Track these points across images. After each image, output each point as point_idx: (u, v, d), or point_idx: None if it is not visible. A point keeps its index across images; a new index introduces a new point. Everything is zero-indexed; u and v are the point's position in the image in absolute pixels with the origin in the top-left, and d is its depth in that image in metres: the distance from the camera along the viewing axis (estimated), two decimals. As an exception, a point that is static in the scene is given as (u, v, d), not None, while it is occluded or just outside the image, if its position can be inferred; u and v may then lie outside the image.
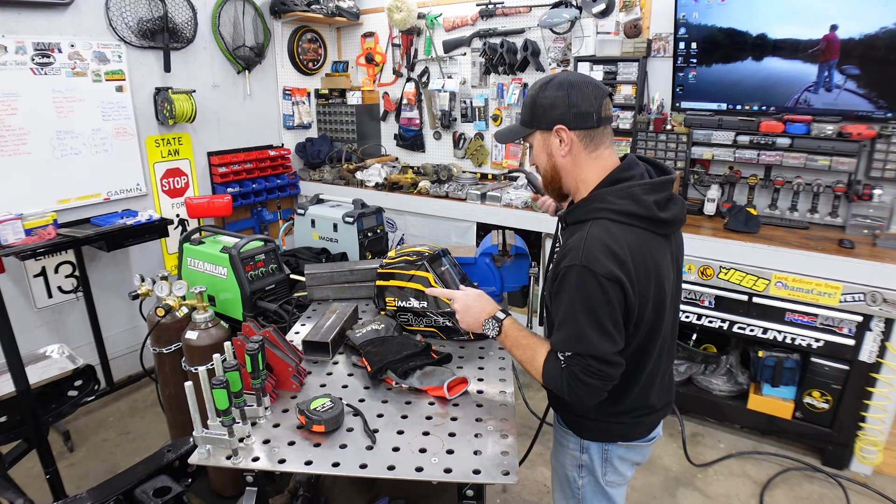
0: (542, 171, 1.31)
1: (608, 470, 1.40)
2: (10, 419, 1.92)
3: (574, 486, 1.44)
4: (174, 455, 1.60)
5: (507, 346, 1.32)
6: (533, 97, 1.25)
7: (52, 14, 2.79)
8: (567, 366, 1.17)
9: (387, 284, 1.83)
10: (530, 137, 1.29)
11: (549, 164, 1.28)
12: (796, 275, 2.43)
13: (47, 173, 2.86)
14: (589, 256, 1.12)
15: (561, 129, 1.22)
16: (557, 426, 1.47)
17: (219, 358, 1.28)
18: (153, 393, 3.13)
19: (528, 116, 1.27)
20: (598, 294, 1.12)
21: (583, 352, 1.15)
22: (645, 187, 1.19)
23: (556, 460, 1.50)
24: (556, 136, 1.23)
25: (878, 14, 2.36)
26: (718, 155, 2.91)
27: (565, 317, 1.17)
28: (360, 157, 4.21)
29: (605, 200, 1.19)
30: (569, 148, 1.23)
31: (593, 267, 1.11)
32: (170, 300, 2.13)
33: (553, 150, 1.25)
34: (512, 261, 2.04)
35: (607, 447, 1.37)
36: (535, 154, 1.30)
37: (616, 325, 1.14)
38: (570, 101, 1.19)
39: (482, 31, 3.63)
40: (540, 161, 1.30)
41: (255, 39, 3.78)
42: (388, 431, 1.33)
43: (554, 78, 1.23)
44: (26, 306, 2.92)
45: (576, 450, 1.40)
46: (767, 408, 2.67)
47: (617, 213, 1.17)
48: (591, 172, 1.24)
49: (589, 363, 1.14)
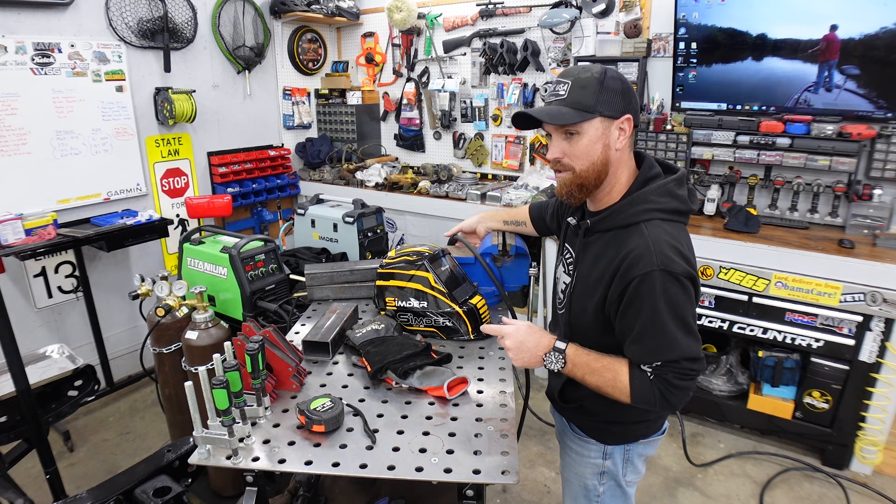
0: (588, 166, 1.16)
1: (628, 470, 1.39)
2: (10, 419, 1.92)
3: (593, 494, 1.43)
4: (174, 455, 1.60)
5: (579, 375, 1.20)
6: (595, 81, 1.12)
7: (52, 14, 2.79)
8: (657, 375, 1.12)
9: (387, 284, 1.83)
10: (583, 125, 1.14)
11: (603, 157, 1.16)
12: (796, 275, 2.43)
13: (47, 173, 2.86)
14: (664, 259, 1.08)
15: (628, 120, 1.14)
16: (573, 436, 1.43)
17: (219, 358, 1.28)
18: (153, 393, 3.13)
19: (590, 101, 1.12)
20: (680, 295, 1.09)
21: (676, 357, 1.10)
22: (675, 182, 1.18)
23: (573, 472, 1.46)
24: (618, 128, 1.14)
25: (878, 14, 2.36)
26: (718, 155, 2.91)
27: (649, 326, 1.10)
28: (360, 157, 4.21)
29: (648, 201, 1.16)
30: (625, 142, 1.16)
31: (672, 269, 1.08)
32: (170, 300, 2.13)
33: (611, 142, 1.15)
34: (512, 261, 2.04)
35: (629, 447, 1.37)
36: (583, 145, 1.15)
37: (695, 320, 1.13)
38: (632, 93, 1.14)
39: (482, 31, 3.63)
40: (590, 153, 1.15)
41: (255, 39, 3.78)
42: (388, 431, 1.32)
43: (605, 68, 1.15)
44: (26, 306, 2.92)
45: (598, 458, 1.38)
46: (767, 408, 2.67)
47: (665, 211, 1.16)
48: (625, 172, 1.21)
49: (682, 367, 1.10)
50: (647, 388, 1.13)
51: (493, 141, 3.84)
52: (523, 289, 2.10)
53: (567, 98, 1.14)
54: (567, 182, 1.20)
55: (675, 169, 1.24)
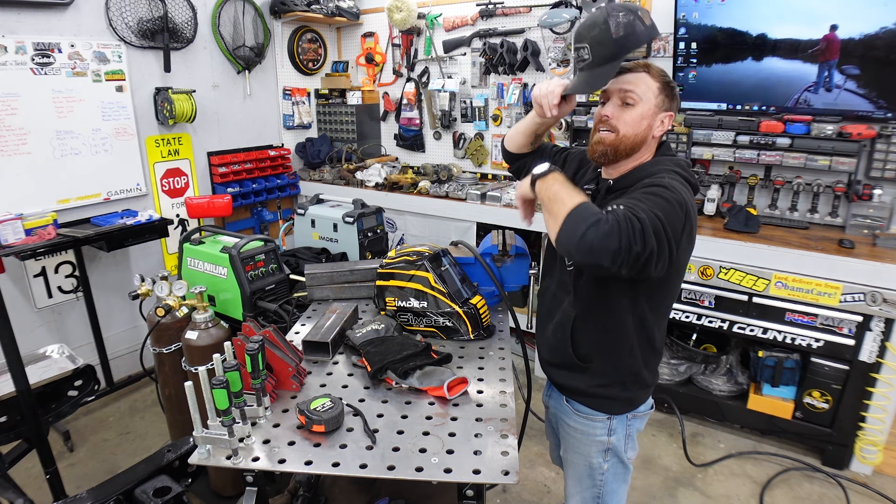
0: (631, 133, 1.27)
1: (629, 446, 1.46)
2: (10, 419, 1.92)
3: (597, 475, 1.47)
4: (174, 455, 1.60)
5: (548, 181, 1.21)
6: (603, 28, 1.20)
7: (52, 14, 2.79)
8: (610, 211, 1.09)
9: (387, 284, 1.83)
10: (648, 95, 1.26)
11: (644, 133, 1.28)
12: (796, 275, 2.43)
13: (47, 173, 2.86)
14: (672, 183, 1.18)
15: (670, 117, 1.30)
16: (576, 417, 1.46)
17: (219, 358, 1.28)
18: (153, 393, 3.13)
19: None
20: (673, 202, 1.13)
21: (637, 205, 1.10)
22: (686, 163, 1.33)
23: (577, 453, 1.50)
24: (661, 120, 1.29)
25: (878, 14, 2.36)
26: (718, 155, 2.91)
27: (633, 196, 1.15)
28: (360, 157, 4.21)
29: (664, 164, 1.28)
30: (662, 132, 1.31)
31: (674, 187, 1.16)
32: (170, 300, 2.13)
33: (654, 125, 1.29)
34: (512, 261, 2.04)
35: (630, 422, 1.43)
36: (636, 114, 1.26)
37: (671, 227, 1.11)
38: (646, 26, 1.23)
39: (482, 31, 3.63)
40: (638, 124, 1.27)
41: (255, 39, 3.78)
42: (388, 431, 1.33)
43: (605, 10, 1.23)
44: (26, 306, 2.92)
45: (603, 434, 1.43)
46: (767, 408, 2.68)
47: (679, 174, 1.25)
48: (648, 155, 1.34)
49: (637, 214, 1.07)
50: (593, 209, 1.10)
51: (493, 141, 3.83)
52: (523, 289, 2.10)
53: (593, 60, 1.24)
54: (606, 141, 1.30)
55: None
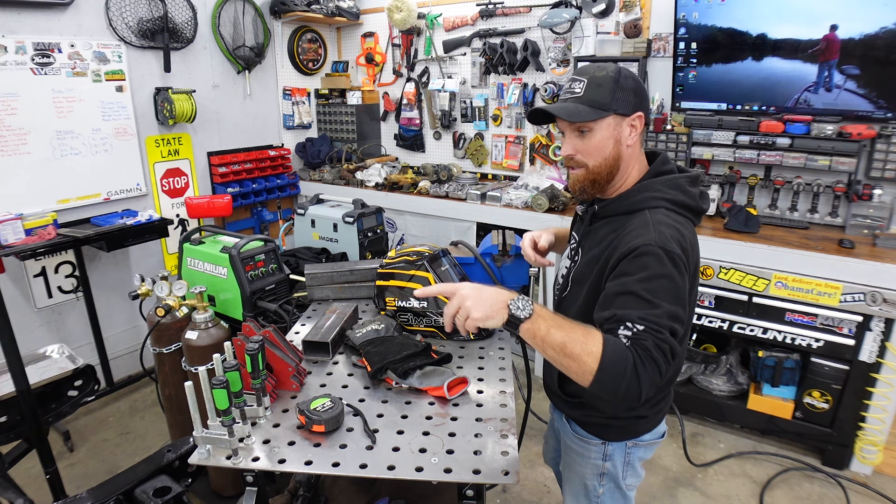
0: (600, 162, 1.20)
1: (628, 473, 1.39)
2: (10, 419, 1.92)
3: (593, 494, 1.42)
4: (174, 455, 1.60)
5: (543, 329, 1.04)
6: (610, 80, 1.16)
7: (52, 14, 2.79)
8: (635, 341, 1.01)
9: (387, 284, 1.83)
10: (597, 122, 1.18)
11: (614, 154, 1.20)
12: (796, 275, 2.43)
13: (47, 173, 2.86)
14: (662, 238, 1.09)
15: (639, 118, 1.19)
16: (573, 437, 1.42)
17: (219, 358, 1.28)
18: (153, 393, 3.13)
19: (605, 99, 1.16)
20: (675, 275, 1.07)
21: (659, 324, 1.02)
22: (687, 179, 1.21)
23: (573, 472, 1.45)
24: (630, 125, 1.19)
25: (878, 14, 2.36)
26: (718, 155, 2.91)
27: (638, 294, 1.04)
28: (360, 157, 4.21)
29: (656, 190, 1.18)
30: (636, 138, 1.21)
31: (670, 248, 1.08)
32: (170, 300, 2.13)
33: (622, 138, 1.19)
34: (512, 261, 2.04)
35: (630, 450, 1.36)
36: (595, 142, 1.19)
37: (685, 310, 1.09)
38: (644, 91, 1.17)
39: (482, 31, 3.63)
40: (602, 150, 1.19)
41: (255, 39, 3.78)
42: (388, 431, 1.32)
43: (619, 67, 1.19)
44: (26, 306, 2.92)
45: (598, 458, 1.38)
46: (767, 408, 2.67)
47: (672, 202, 1.17)
48: (636, 167, 1.24)
49: (664, 338, 1.01)
50: (620, 352, 1.00)
51: (493, 141, 3.84)
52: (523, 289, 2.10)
53: (583, 96, 1.18)
54: (580, 178, 1.24)
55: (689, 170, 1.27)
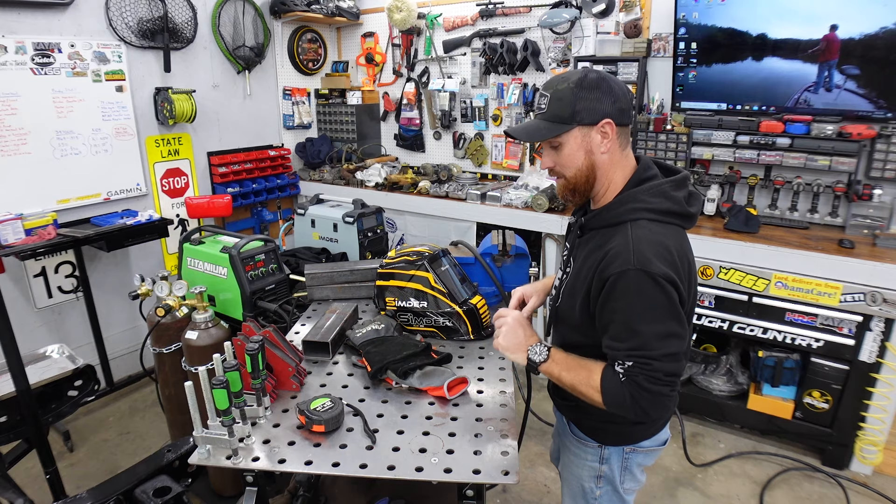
0: (575, 173, 1.21)
1: (626, 478, 1.38)
2: (10, 419, 1.92)
3: (591, 497, 1.42)
4: (174, 455, 1.60)
5: (556, 372, 1.21)
6: (571, 91, 1.15)
7: (52, 14, 2.79)
8: (628, 377, 1.09)
9: (387, 284, 1.83)
10: (563, 136, 1.18)
11: (587, 163, 1.19)
12: (796, 275, 2.42)
13: (47, 173, 2.86)
14: (641, 259, 1.07)
15: (608, 124, 1.15)
16: (572, 438, 1.42)
17: (219, 358, 1.28)
18: (153, 393, 3.13)
19: (567, 112, 1.15)
20: (658, 296, 1.07)
21: (645, 358, 1.07)
22: (671, 184, 1.18)
23: (571, 473, 1.45)
24: (599, 132, 1.16)
25: (878, 14, 2.36)
26: (718, 155, 2.91)
27: (620, 324, 1.10)
28: (360, 157, 4.21)
29: (638, 200, 1.16)
30: (609, 145, 1.17)
31: (649, 269, 1.06)
32: (170, 300, 2.13)
33: (594, 147, 1.18)
34: (512, 261, 2.04)
35: (627, 455, 1.35)
36: (566, 154, 1.20)
37: (680, 322, 1.10)
38: (613, 94, 1.15)
39: (482, 31, 3.63)
40: (574, 161, 1.20)
41: (255, 39, 3.78)
42: (388, 431, 1.33)
43: (585, 73, 1.16)
44: (26, 306, 2.92)
45: (595, 461, 1.37)
46: (767, 408, 2.67)
47: (654, 211, 1.15)
48: (619, 173, 1.22)
49: (653, 369, 1.07)
50: (616, 388, 1.11)
51: (493, 141, 3.84)
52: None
53: (547, 111, 1.19)
54: (561, 187, 1.27)
55: (676, 171, 1.23)
